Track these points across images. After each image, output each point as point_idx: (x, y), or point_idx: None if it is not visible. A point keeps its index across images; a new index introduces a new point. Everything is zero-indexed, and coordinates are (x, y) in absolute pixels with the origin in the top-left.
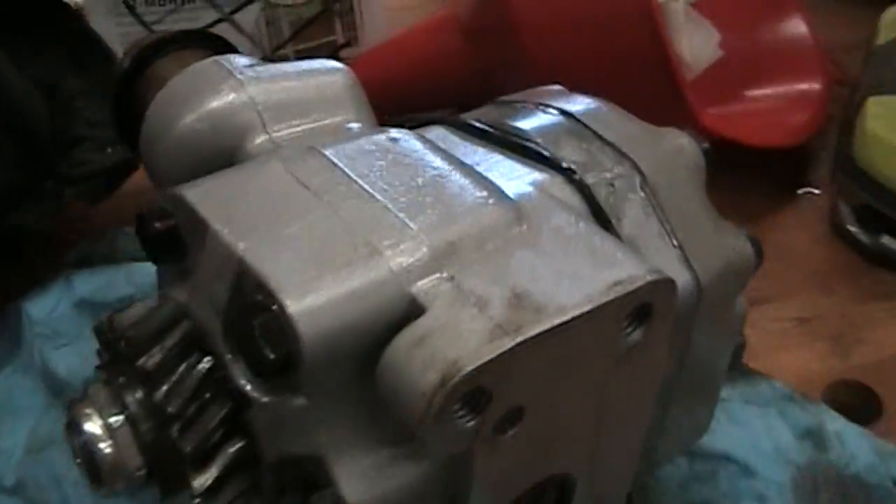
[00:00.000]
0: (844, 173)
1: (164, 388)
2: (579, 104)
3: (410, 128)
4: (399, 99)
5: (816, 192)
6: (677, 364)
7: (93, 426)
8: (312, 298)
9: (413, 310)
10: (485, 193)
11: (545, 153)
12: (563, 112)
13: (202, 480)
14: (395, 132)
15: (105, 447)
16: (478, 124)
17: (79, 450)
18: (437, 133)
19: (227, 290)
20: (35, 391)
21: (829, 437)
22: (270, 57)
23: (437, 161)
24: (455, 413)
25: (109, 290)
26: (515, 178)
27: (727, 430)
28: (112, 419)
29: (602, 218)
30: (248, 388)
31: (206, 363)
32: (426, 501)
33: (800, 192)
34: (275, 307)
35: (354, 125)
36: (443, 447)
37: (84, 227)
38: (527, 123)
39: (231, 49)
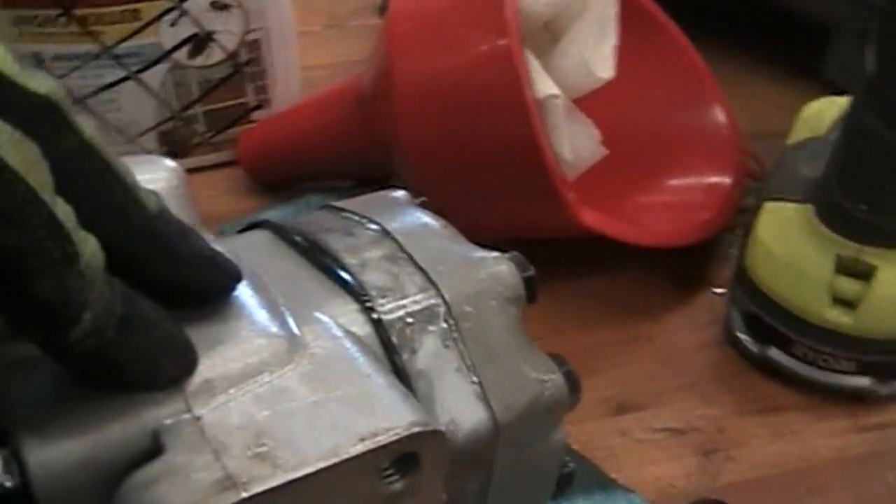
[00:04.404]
0: (736, 278)
1: None
2: (405, 221)
3: (240, 231)
4: (298, 167)
5: (720, 291)
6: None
7: None
8: (51, 438)
9: (155, 447)
10: (263, 325)
11: (347, 279)
12: (383, 230)
13: None
14: None
15: None
16: (296, 237)
17: None
18: (258, 238)
19: None
20: None
21: None
22: (179, 116)
23: None
24: None
25: None
26: (310, 304)
27: None
28: None
29: (390, 352)
30: None
31: None
32: None
33: (705, 292)
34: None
35: None
36: None
37: None
38: (341, 241)
39: None
